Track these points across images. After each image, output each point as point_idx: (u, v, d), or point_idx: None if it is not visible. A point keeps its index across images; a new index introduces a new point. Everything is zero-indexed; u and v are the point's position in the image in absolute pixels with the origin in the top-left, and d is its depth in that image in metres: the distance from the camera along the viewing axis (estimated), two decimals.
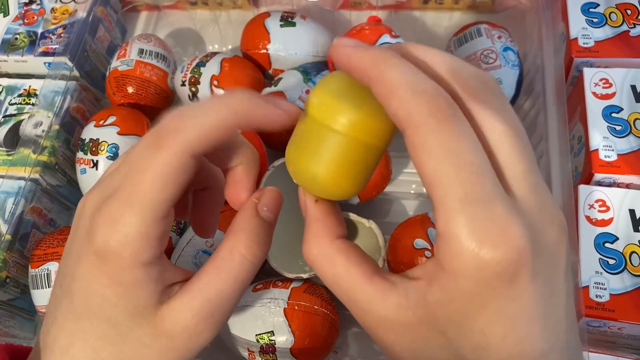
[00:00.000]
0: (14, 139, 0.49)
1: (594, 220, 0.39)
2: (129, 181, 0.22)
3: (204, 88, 0.48)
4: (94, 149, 0.46)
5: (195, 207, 0.29)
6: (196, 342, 0.24)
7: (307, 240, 0.23)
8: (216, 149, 0.23)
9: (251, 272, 0.24)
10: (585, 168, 0.42)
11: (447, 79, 0.21)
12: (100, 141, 0.46)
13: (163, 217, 0.22)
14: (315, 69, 0.48)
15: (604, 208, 0.40)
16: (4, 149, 0.49)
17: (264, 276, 0.42)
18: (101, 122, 0.47)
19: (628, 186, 0.41)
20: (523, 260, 0.18)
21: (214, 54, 0.50)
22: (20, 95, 0.51)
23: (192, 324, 0.23)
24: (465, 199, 0.18)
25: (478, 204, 0.18)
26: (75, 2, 0.55)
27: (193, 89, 0.49)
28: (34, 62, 0.53)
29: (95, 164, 0.46)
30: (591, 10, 0.48)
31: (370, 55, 0.20)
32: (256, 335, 0.38)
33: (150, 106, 0.51)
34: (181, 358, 0.24)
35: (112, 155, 0.46)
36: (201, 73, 0.48)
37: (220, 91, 0.48)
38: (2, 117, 0.50)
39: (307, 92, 0.46)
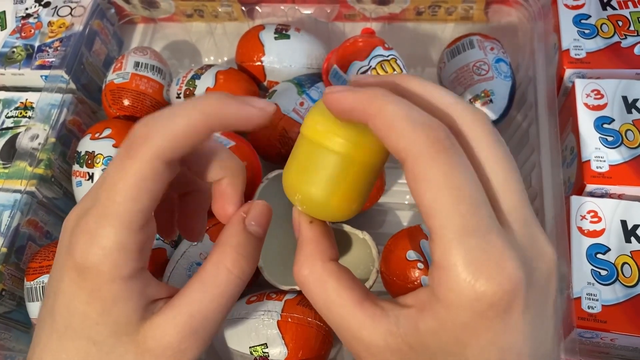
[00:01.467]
0: (10, 151, 0.49)
1: (585, 231, 0.40)
2: (104, 194, 0.22)
3: None
4: (89, 162, 0.46)
5: (181, 211, 0.28)
6: (186, 358, 0.23)
7: (299, 261, 0.23)
8: (191, 154, 0.23)
9: (238, 287, 0.24)
10: (577, 179, 0.42)
11: (442, 111, 0.21)
12: (96, 154, 0.47)
13: (140, 228, 0.22)
14: (310, 81, 0.49)
15: (595, 219, 0.40)
16: (0, 161, 0.49)
17: (258, 288, 0.42)
18: (97, 135, 0.48)
19: (620, 197, 0.42)
20: (517, 293, 0.19)
21: (209, 66, 0.50)
22: (17, 108, 0.52)
23: (176, 341, 0.23)
24: (463, 231, 0.19)
25: (475, 235, 0.19)
26: (72, 15, 0.55)
27: None
28: (31, 75, 0.53)
29: (91, 177, 0.46)
30: (583, 21, 0.48)
31: (367, 94, 0.21)
32: (250, 347, 0.38)
33: None
34: None
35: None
36: (196, 85, 0.49)
37: None
38: None
39: (301, 104, 0.47)
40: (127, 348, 0.23)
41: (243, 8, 0.56)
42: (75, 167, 0.47)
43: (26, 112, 0.51)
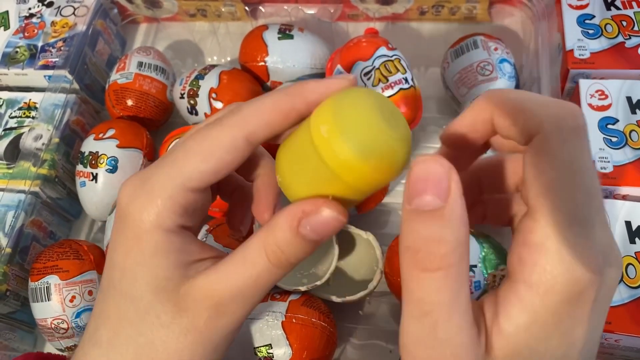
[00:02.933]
0: (14, 152, 0.49)
1: None
2: (172, 154, 0.22)
3: (202, 100, 0.48)
4: (93, 162, 0.46)
5: (229, 206, 0.29)
6: (218, 327, 0.23)
7: None
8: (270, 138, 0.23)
9: (274, 277, 0.23)
10: None
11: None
12: (99, 154, 0.47)
13: (196, 189, 0.22)
14: None
15: None
16: (4, 162, 0.49)
17: None
18: (100, 135, 0.48)
19: (624, 198, 0.42)
20: (596, 288, 0.18)
21: (213, 66, 0.50)
22: (20, 109, 0.52)
23: (215, 304, 0.22)
24: (574, 218, 0.18)
25: (583, 225, 0.18)
26: (75, 15, 0.55)
27: (192, 102, 0.49)
28: (34, 75, 0.53)
29: (95, 177, 0.46)
30: (587, 21, 0.48)
31: (477, 102, 0.22)
32: (254, 348, 0.38)
33: (150, 119, 0.51)
34: (201, 345, 0.23)
35: (111, 168, 0.46)
36: (200, 86, 0.49)
37: (219, 104, 0.48)
38: (2, 130, 0.51)
39: None
40: (164, 307, 0.22)
41: (246, 8, 0.55)
42: (79, 167, 0.47)
43: (30, 113, 0.51)
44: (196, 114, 0.49)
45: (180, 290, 0.22)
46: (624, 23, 0.47)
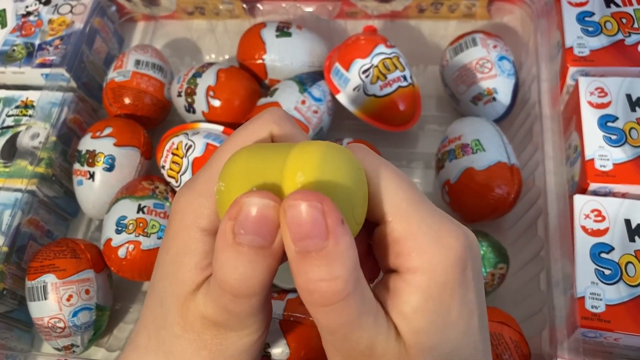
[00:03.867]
0: (11, 150, 0.49)
1: (589, 230, 0.39)
2: (219, 153, 0.23)
3: (200, 99, 0.48)
4: (90, 161, 0.46)
5: None
6: (228, 345, 0.22)
7: None
8: None
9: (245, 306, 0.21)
10: (581, 177, 0.42)
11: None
12: (96, 152, 0.46)
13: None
14: (311, 79, 0.49)
15: (599, 218, 0.40)
16: (1, 160, 0.49)
17: None
18: (98, 134, 0.47)
19: (624, 196, 0.41)
20: (469, 251, 0.21)
21: (210, 64, 0.50)
22: (17, 107, 0.51)
23: (213, 324, 0.21)
24: (413, 200, 0.21)
25: (424, 203, 0.21)
26: (72, 13, 0.55)
27: (189, 100, 0.49)
28: (31, 74, 0.53)
29: (92, 176, 0.46)
30: (586, 19, 0.48)
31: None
32: None
33: (147, 117, 0.51)
34: (226, 353, 0.22)
35: (108, 166, 0.46)
36: (197, 84, 0.49)
37: (217, 102, 0.48)
38: (0, 128, 0.50)
39: (303, 102, 0.46)
40: (174, 317, 0.22)
41: (244, 5, 0.55)
42: (76, 165, 0.47)
43: (27, 111, 0.51)
44: (194, 112, 0.49)
45: (185, 300, 0.22)
46: (624, 20, 0.47)
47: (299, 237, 0.18)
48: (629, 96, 0.44)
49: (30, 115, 0.51)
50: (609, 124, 0.43)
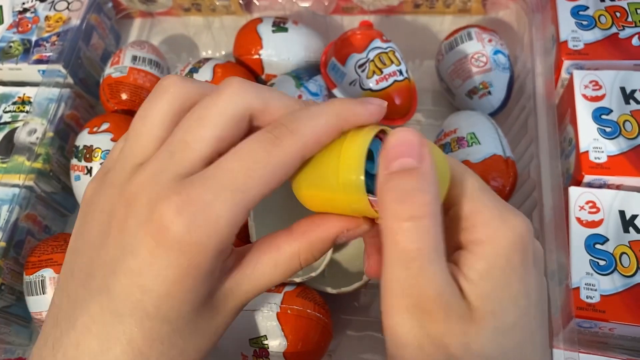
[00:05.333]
0: (8, 146, 0.49)
1: (584, 222, 0.40)
2: (229, 173, 0.21)
3: None
4: (88, 156, 0.46)
5: None
6: (230, 321, 0.25)
7: None
8: None
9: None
10: (576, 170, 0.42)
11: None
12: (94, 148, 0.46)
13: (250, 208, 0.22)
14: (308, 73, 0.49)
15: (594, 209, 0.40)
16: None
17: None
18: (95, 129, 0.47)
19: (618, 187, 0.42)
20: (531, 237, 0.22)
21: (207, 60, 0.50)
22: (14, 103, 0.52)
23: (241, 303, 0.24)
24: (483, 186, 0.23)
25: (492, 193, 0.23)
26: (69, 9, 0.55)
27: None
28: (28, 70, 0.53)
29: (90, 171, 0.46)
30: (581, 13, 0.48)
31: None
32: (250, 339, 0.38)
33: None
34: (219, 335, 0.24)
35: None
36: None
37: None
38: None
39: (299, 97, 0.47)
40: (202, 319, 0.23)
41: (241, 1, 0.55)
42: (74, 161, 0.47)
43: (24, 107, 0.51)
44: None
45: (213, 302, 0.23)
46: (618, 14, 0.47)
47: (400, 155, 0.21)
48: (623, 89, 0.44)
49: (27, 112, 0.51)
50: (604, 116, 0.43)
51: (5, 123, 0.51)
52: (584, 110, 0.43)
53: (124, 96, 0.50)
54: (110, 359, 0.21)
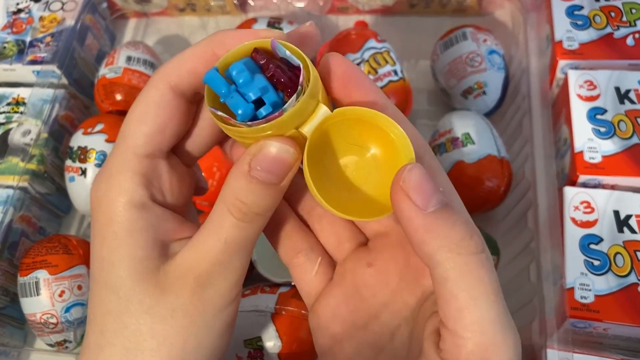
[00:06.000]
0: (2, 147, 0.49)
1: (579, 222, 0.40)
2: (119, 132, 0.23)
3: None
4: (82, 157, 0.46)
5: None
6: (204, 303, 0.22)
7: None
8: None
9: (245, 232, 0.22)
10: (571, 170, 0.42)
11: None
12: (88, 149, 0.46)
13: (149, 154, 0.22)
14: None
15: (588, 209, 0.40)
16: None
17: (252, 282, 0.42)
18: (89, 130, 0.47)
19: (613, 187, 0.42)
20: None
21: None
22: (8, 104, 0.51)
23: (193, 278, 0.21)
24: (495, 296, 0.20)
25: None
26: (63, 10, 0.55)
27: None
28: (23, 71, 0.53)
29: (84, 172, 0.46)
30: (576, 12, 0.48)
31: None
32: (244, 341, 0.38)
33: None
34: (192, 325, 0.22)
35: (100, 162, 0.46)
36: None
37: None
38: None
39: None
40: (146, 289, 0.21)
41: (235, 1, 0.55)
42: (68, 162, 0.47)
43: (18, 108, 0.51)
44: None
45: (160, 270, 0.22)
46: (613, 14, 0.47)
47: (429, 196, 0.19)
48: (617, 89, 0.44)
49: (21, 112, 0.51)
50: (598, 116, 0.43)
51: (0, 124, 0.50)
52: (578, 110, 0.43)
53: (118, 97, 0.50)
54: (87, 342, 0.23)
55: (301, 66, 0.20)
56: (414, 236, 0.20)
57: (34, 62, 0.53)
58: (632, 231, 0.39)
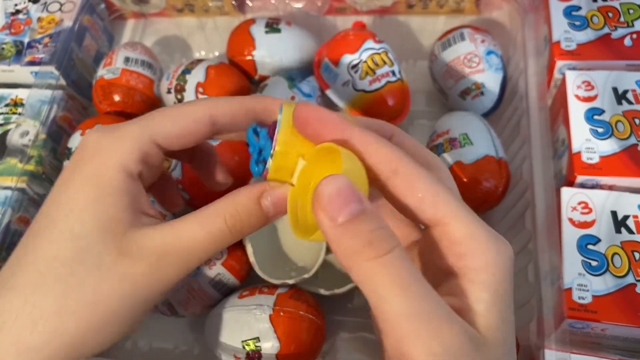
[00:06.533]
0: (0, 148, 0.49)
1: (576, 223, 0.40)
2: (149, 114, 0.26)
3: (189, 95, 0.48)
4: None
5: (158, 188, 0.31)
6: (155, 280, 0.23)
7: None
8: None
9: (224, 242, 0.24)
10: (568, 170, 0.42)
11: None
12: None
13: (160, 145, 0.25)
14: (301, 74, 0.49)
15: (586, 210, 0.40)
16: None
17: (250, 283, 0.42)
18: (87, 131, 0.47)
19: (610, 188, 0.42)
20: (513, 259, 0.22)
21: (200, 61, 0.50)
22: (7, 105, 0.51)
23: (156, 255, 0.23)
24: (468, 207, 0.22)
25: (473, 212, 0.22)
26: (61, 11, 0.55)
27: (179, 97, 0.49)
28: (21, 72, 0.53)
29: None
30: (573, 13, 0.48)
31: None
32: (242, 341, 0.38)
33: (137, 114, 0.50)
34: (133, 295, 0.23)
35: None
36: (186, 80, 0.49)
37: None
38: None
39: (292, 98, 0.47)
40: (107, 247, 0.23)
41: (234, 2, 0.55)
42: (66, 163, 0.47)
43: (16, 109, 0.51)
44: None
45: (126, 234, 0.23)
46: (610, 14, 0.48)
47: (344, 205, 0.20)
48: (615, 89, 0.44)
49: (19, 113, 0.51)
50: (596, 117, 0.43)
51: None
52: (576, 111, 0.43)
53: (116, 98, 0.50)
54: (13, 282, 0.23)
55: (277, 129, 0.23)
56: (330, 246, 0.21)
57: (32, 63, 0.53)
58: (630, 232, 0.39)
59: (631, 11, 0.47)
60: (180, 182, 0.44)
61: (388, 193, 0.22)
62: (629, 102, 0.43)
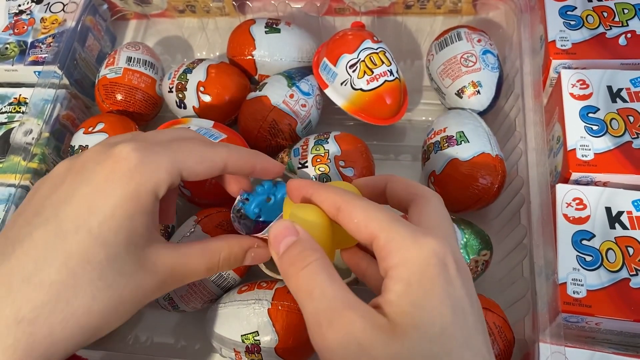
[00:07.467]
0: (4, 146, 0.50)
1: (571, 218, 0.40)
2: (177, 144, 0.29)
3: (190, 94, 0.49)
4: None
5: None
6: (159, 292, 0.28)
7: None
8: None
9: (212, 273, 0.31)
10: (563, 167, 0.43)
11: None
12: (89, 148, 0.47)
13: (183, 178, 0.29)
14: (300, 73, 0.49)
15: (581, 206, 0.41)
16: None
17: (249, 278, 0.43)
18: (90, 129, 0.48)
19: (605, 184, 0.42)
20: (448, 252, 0.24)
21: (201, 60, 0.51)
22: (10, 104, 0.52)
23: (167, 273, 0.28)
24: (394, 218, 0.25)
25: (403, 221, 0.25)
26: (64, 11, 0.56)
27: (180, 95, 0.50)
28: (24, 71, 0.54)
29: None
30: (569, 13, 0.49)
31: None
32: (241, 335, 0.39)
33: (139, 113, 0.52)
34: (144, 302, 0.28)
35: None
36: (188, 79, 0.49)
37: (207, 97, 0.49)
38: None
39: (291, 96, 0.47)
40: (131, 258, 0.26)
41: (234, 3, 0.56)
42: None
43: (20, 108, 0.52)
44: (184, 107, 0.50)
45: (144, 249, 0.27)
46: (605, 14, 0.48)
47: (280, 241, 0.27)
48: (609, 88, 0.45)
49: (23, 112, 0.51)
50: (590, 115, 0.44)
51: (2, 124, 0.51)
52: (571, 109, 0.44)
53: (118, 97, 0.51)
54: (42, 277, 0.25)
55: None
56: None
57: (35, 62, 0.53)
58: (624, 227, 0.40)
59: (626, 11, 0.48)
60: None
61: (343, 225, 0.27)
62: (624, 100, 0.44)
